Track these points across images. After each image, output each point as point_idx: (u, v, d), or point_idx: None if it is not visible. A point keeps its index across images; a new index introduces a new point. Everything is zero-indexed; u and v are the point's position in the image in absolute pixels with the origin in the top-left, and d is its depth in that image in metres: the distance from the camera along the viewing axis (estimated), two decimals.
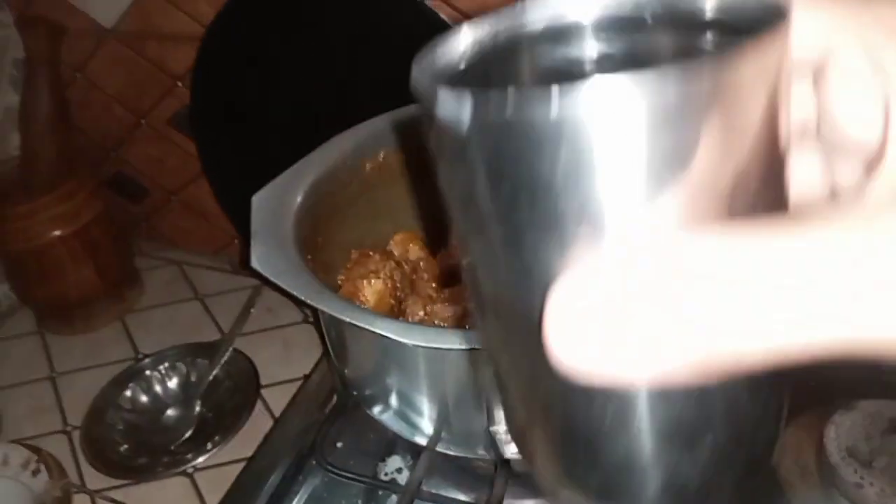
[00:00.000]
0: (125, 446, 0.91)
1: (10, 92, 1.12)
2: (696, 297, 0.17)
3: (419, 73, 0.23)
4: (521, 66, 0.25)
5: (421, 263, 0.74)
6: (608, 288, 0.18)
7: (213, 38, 0.98)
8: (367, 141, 0.74)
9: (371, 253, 0.74)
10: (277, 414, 0.91)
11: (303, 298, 0.53)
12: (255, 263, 0.56)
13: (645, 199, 0.19)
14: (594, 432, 0.25)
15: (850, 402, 0.67)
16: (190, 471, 0.86)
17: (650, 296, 0.18)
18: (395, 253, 0.76)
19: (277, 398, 0.93)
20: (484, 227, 0.22)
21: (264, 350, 1.01)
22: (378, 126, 0.75)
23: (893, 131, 0.20)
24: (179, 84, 1.07)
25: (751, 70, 0.19)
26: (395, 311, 0.69)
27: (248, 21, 0.95)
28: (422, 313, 0.66)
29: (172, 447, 0.90)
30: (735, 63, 0.18)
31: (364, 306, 0.67)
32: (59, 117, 1.05)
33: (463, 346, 0.49)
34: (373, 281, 0.67)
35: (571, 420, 0.25)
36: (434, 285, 0.72)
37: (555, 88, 0.17)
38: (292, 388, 0.94)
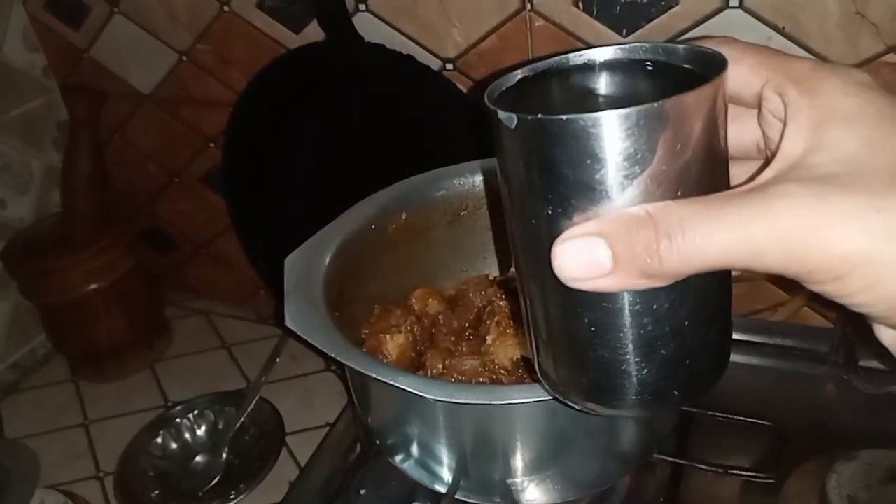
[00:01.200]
0: (156, 492, 0.94)
1: (53, 152, 1.19)
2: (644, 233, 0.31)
3: (489, 94, 0.37)
4: (552, 88, 0.39)
5: (440, 318, 0.78)
6: (590, 230, 0.32)
7: (244, 103, 1.03)
8: (389, 204, 0.79)
9: (393, 308, 0.78)
10: (302, 461, 0.94)
11: (332, 355, 0.57)
12: (289, 322, 0.61)
13: (622, 179, 0.32)
14: (586, 340, 0.36)
15: (851, 452, 0.70)
16: None
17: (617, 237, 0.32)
18: (416, 307, 0.80)
19: (302, 445, 0.97)
20: (521, 191, 0.35)
21: (289, 398, 1.04)
22: (400, 190, 0.80)
23: (785, 139, 0.34)
24: (212, 145, 1.12)
25: (694, 105, 0.32)
26: (416, 365, 0.73)
27: (276, 88, 1.00)
28: (440, 366, 0.70)
29: (200, 493, 0.93)
30: (682, 102, 0.31)
31: (386, 360, 0.71)
32: (97, 177, 1.10)
33: (479, 401, 0.52)
34: (395, 336, 0.71)
35: (572, 331, 0.36)
36: (452, 339, 0.76)
37: (559, 117, 0.31)
38: (316, 436, 0.96)
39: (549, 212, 0.33)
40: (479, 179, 0.82)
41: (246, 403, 0.99)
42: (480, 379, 0.66)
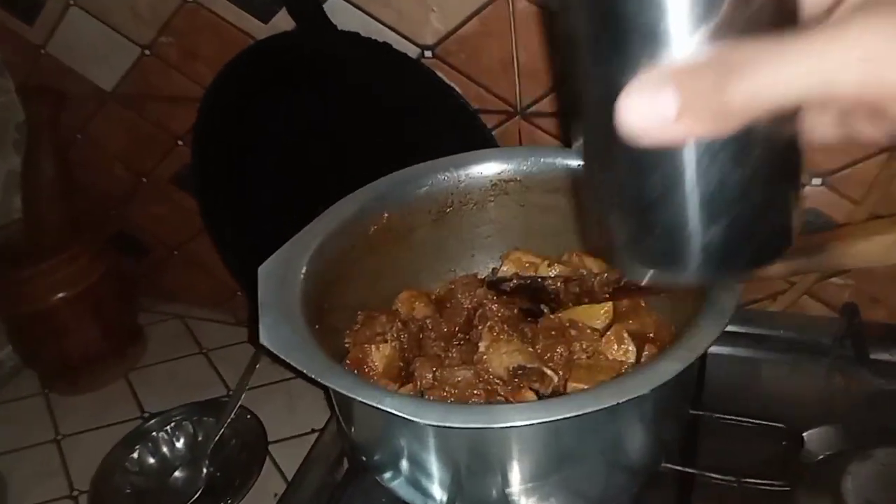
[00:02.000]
0: None
1: (12, 155, 1.11)
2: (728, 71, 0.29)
3: None
4: None
5: (427, 322, 0.72)
6: (654, 78, 0.30)
7: (212, 98, 0.96)
8: (369, 204, 0.73)
9: (376, 314, 0.72)
10: (287, 471, 0.89)
11: (312, 376, 0.51)
12: (264, 339, 0.55)
13: (690, 27, 0.29)
14: (651, 203, 0.33)
15: (865, 451, 0.66)
16: None
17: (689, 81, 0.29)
18: (401, 312, 0.74)
19: (286, 455, 0.91)
20: (588, 48, 0.33)
21: (270, 404, 0.98)
22: (380, 188, 0.74)
23: None
24: (180, 143, 1.05)
25: None
26: (403, 375, 0.67)
27: (245, 82, 0.93)
28: (430, 376, 0.64)
29: None
30: None
31: (372, 373, 0.65)
32: (61, 180, 1.03)
33: (476, 425, 0.47)
34: (380, 346, 0.65)
35: (636, 194, 0.34)
36: (442, 344, 0.70)
37: None
38: (301, 444, 0.91)
39: (616, 67, 0.31)
40: (464, 174, 0.76)
41: (226, 413, 0.93)
42: (475, 391, 0.60)
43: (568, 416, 0.46)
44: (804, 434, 0.65)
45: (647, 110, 0.30)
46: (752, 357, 0.75)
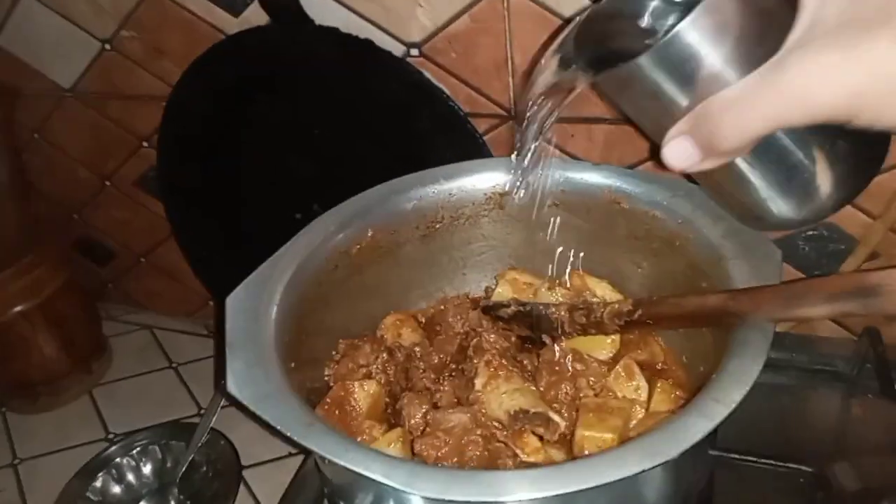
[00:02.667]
0: None
1: None
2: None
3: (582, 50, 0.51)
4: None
5: (416, 350, 0.65)
6: (674, 133, 0.43)
7: (179, 97, 0.89)
8: (352, 220, 0.65)
9: (360, 343, 0.64)
10: (262, 499, 0.82)
11: (288, 434, 0.44)
12: (232, 388, 0.47)
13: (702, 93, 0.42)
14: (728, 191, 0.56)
15: (894, 491, 0.59)
16: None
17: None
18: (387, 339, 0.67)
19: (261, 481, 0.84)
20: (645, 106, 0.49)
21: (243, 425, 0.90)
22: (364, 202, 0.66)
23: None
24: (145, 144, 0.97)
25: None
26: (390, 413, 0.60)
27: (214, 80, 0.85)
28: (420, 417, 0.56)
29: None
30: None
31: (356, 413, 0.57)
32: (16, 183, 0.95)
33: (478, 499, 0.39)
34: (365, 384, 0.58)
35: (715, 187, 0.59)
36: (432, 376, 0.62)
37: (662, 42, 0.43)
38: (277, 469, 0.84)
39: (665, 115, 0.44)
40: (455, 186, 0.69)
41: (196, 436, 0.86)
42: (471, 438, 0.52)
43: (588, 487, 0.39)
44: (828, 474, 0.58)
45: (678, 156, 0.43)
46: (763, 383, 0.69)
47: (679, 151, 0.42)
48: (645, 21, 0.53)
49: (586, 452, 0.53)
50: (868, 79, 0.34)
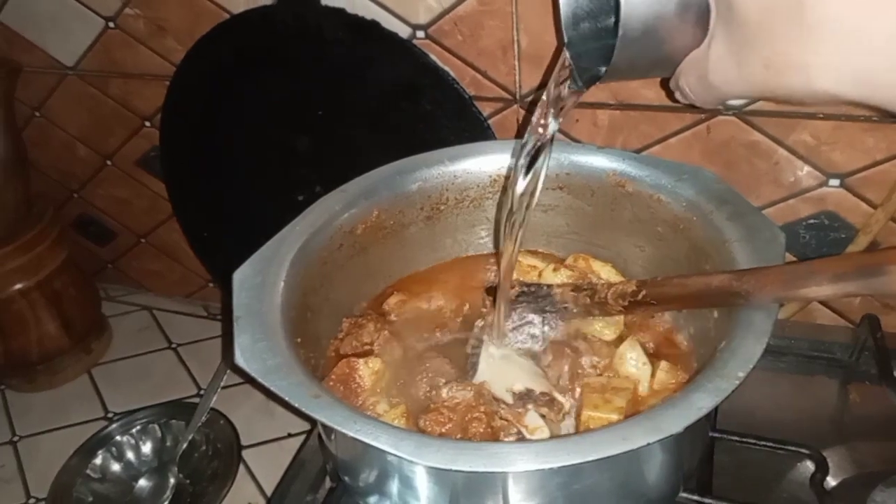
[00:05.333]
0: None
1: None
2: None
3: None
4: None
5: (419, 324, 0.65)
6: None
7: (184, 76, 0.88)
8: (357, 200, 0.65)
9: (363, 321, 0.65)
10: (262, 478, 0.82)
11: (295, 405, 0.44)
12: (240, 361, 0.47)
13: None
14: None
15: (891, 476, 0.60)
16: None
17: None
18: (391, 317, 0.67)
19: (261, 461, 0.84)
20: None
21: (244, 404, 0.91)
22: (369, 183, 0.67)
23: None
24: (147, 124, 0.97)
25: None
26: (394, 390, 0.60)
27: (218, 60, 0.85)
28: (423, 395, 0.57)
29: None
30: None
31: (360, 389, 0.58)
32: (15, 160, 0.94)
33: (485, 469, 0.40)
34: (370, 361, 0.58)
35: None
36: (435, 354, 0.63)
37: None
38: (277, 449, 0.85)
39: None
40: (460, 168, 0.69)
41: (196, 415, 0.86)
42: (475, 415, 0.53)
43: (594, 458, 0.40)
44: (826, 457, 0.59)
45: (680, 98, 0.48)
46: (763, 369, 0.70)
47: (680, 97, 0.48)
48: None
49: None
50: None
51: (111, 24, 0.90)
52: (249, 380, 0.47)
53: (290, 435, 0.87)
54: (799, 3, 0.35)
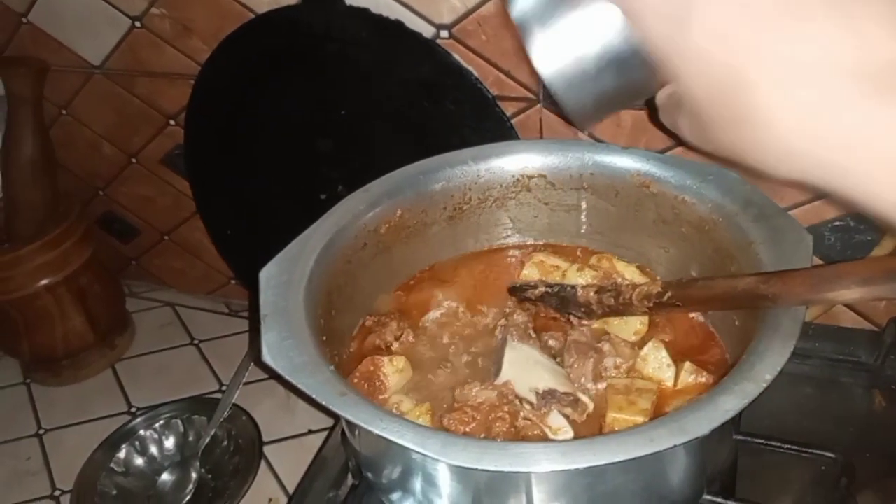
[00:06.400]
0: None
1: None
2: None
3: None
4: None
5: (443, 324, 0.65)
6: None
7: (209, 75, 0.89)
8: (381, 199, 0.65)
9: (387, 320, 0.65)
10: (283, 475, 0.83)
11: (323, 403, 0.44)
12: (268, 359, 0.47)
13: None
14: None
15: None
16: None
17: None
18: (414, 315, 0.67)
19: (282, 457, 0.85)
20: None
21: (265, 401, 0.91)
22: (393, 182, 0.67)
23: None
24: (172, 122, 0.97)
25: None
26: (418, 389, 0.60)
27: (243, 59, 0.86)
28: (448, 394, 0.57)
29: None
30: None
31: (384, 387, 0.58)
32: (43, 159, 0.95)
33: (511, 469, 0.40)
34: (394, 360, 0.58)
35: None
36: (460, 352, 0.63)
37: None
38: (298, 446, 0.85)
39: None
40: (484, 168, 0.69)
41: (219, 411, 0.87)
42: (499, 415, 0.53)
43: (619, 460, 0.40)
44: (852, 463, 0.58)
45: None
46: (786, 372, 0.69)
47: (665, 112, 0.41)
48: None
49: None
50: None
51: (137, 24, 0.90)
52: (273, 376, 0.48)
53: (310, 431, 0.87)
54: (735, 93, 0.33)
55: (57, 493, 0.86)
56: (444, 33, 0.77)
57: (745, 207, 0.58)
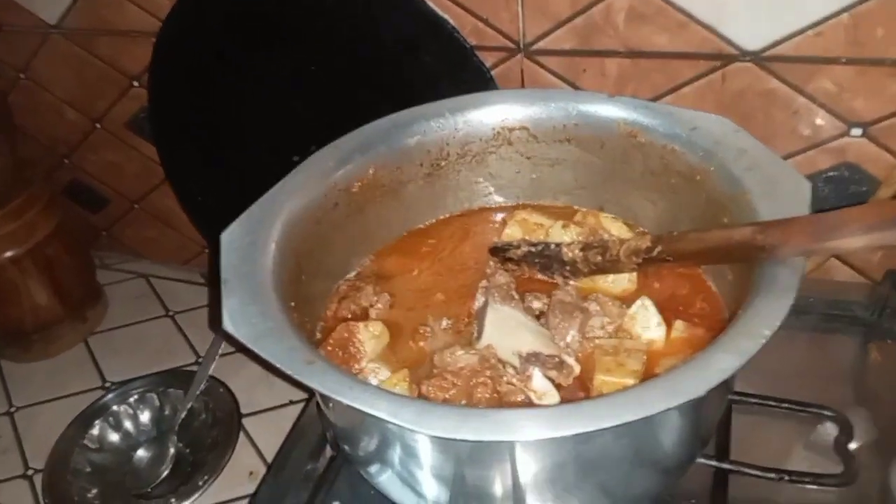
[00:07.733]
0: (94, 491, 0.80)
1: None
2: None
3: None
4: None
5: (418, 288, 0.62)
6: None
7: (171, 32, 0.84)
8: (353, 156, 0.61)
9: (362, 284, 0.61)
10: (262, 446, 0.80)
11: (287, 372, 0.41)
12: (228, 325, 0.44)
13: None
14: None
15: None
16: None
17: None
18: (390, 279, 0.64)
19: (262, 429, 0.82)
20: None
21: (243, 372, 0.89)
22: (364, 137, 0.63)
23: None
24: (136, 84, 0.93)
25: None
26: (394, 354, 0.57)
27: (210, 14, 0.81)
28: (427, 359, 0.54)
29: (149, 489, 0.78)
30: None
31: (359, 354, 0.55)
32: (2, 125, 0.90)
33: (493, 438, 0.37)
34: (370, 325, 0.55)
35: None
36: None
37: None
38: (277, 417, 0.83)
39: None
40: (461, 121, 0.65)
41: (195, 384, 0.85)
42: (480, 380, 0.50)
43: (609, 425, 0.37)
44: (849, 419, 0.56)
45: None
46: (780, 327, 0.67)
47: None
48: None
49: None
50: None
51: None
52: (244, 347, 0.44)
53: (290, 402, 0.85)
54: None
55: (30, 472, 0.83)
56: None
57: (738, 156, 0.55)
